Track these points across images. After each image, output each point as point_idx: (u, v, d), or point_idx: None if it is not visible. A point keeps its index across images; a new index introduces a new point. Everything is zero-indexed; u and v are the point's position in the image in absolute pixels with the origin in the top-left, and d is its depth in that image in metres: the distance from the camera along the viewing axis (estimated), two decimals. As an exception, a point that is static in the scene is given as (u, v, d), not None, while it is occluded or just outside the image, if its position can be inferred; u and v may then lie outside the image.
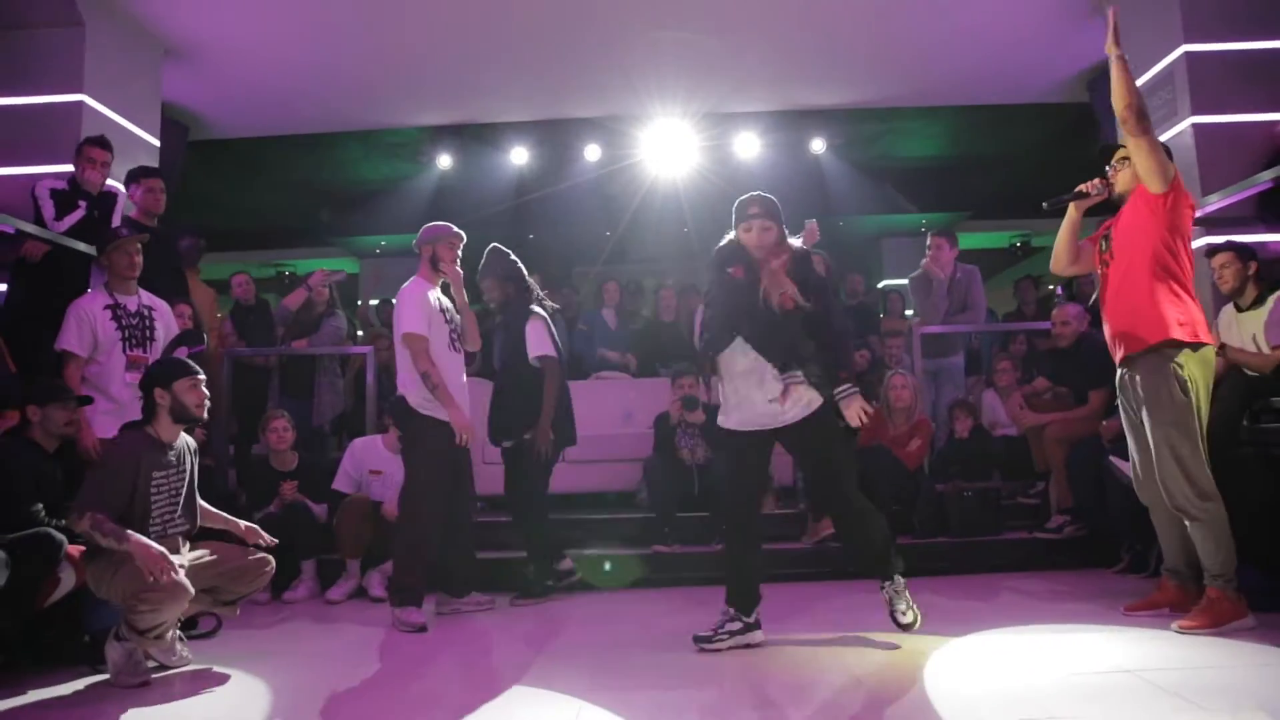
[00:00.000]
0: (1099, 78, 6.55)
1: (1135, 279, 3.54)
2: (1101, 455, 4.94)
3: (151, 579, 3.08)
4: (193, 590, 3.25)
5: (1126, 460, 4.44)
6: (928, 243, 5.89)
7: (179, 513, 3.51)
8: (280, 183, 9.95)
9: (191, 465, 3.61)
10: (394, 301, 4.46)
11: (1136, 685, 2.82)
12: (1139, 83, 5.47)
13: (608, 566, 5.05)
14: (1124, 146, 3.65)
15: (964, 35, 6.44)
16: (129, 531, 3.17)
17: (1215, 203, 4.66)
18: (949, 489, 5.41)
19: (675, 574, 5.08)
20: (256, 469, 5.31)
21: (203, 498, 5.01)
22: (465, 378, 4.44)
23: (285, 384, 6.02)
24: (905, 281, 11.26)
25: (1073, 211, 3.83)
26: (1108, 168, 3.75)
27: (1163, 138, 5.23)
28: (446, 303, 4.46)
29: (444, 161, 8.30)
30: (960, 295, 5.96)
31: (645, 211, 9.65)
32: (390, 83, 7.05)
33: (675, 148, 8.31)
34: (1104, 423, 4.96)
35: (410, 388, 4.23)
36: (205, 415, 3.58)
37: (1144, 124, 3.45)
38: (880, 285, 11.56)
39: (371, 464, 5.15)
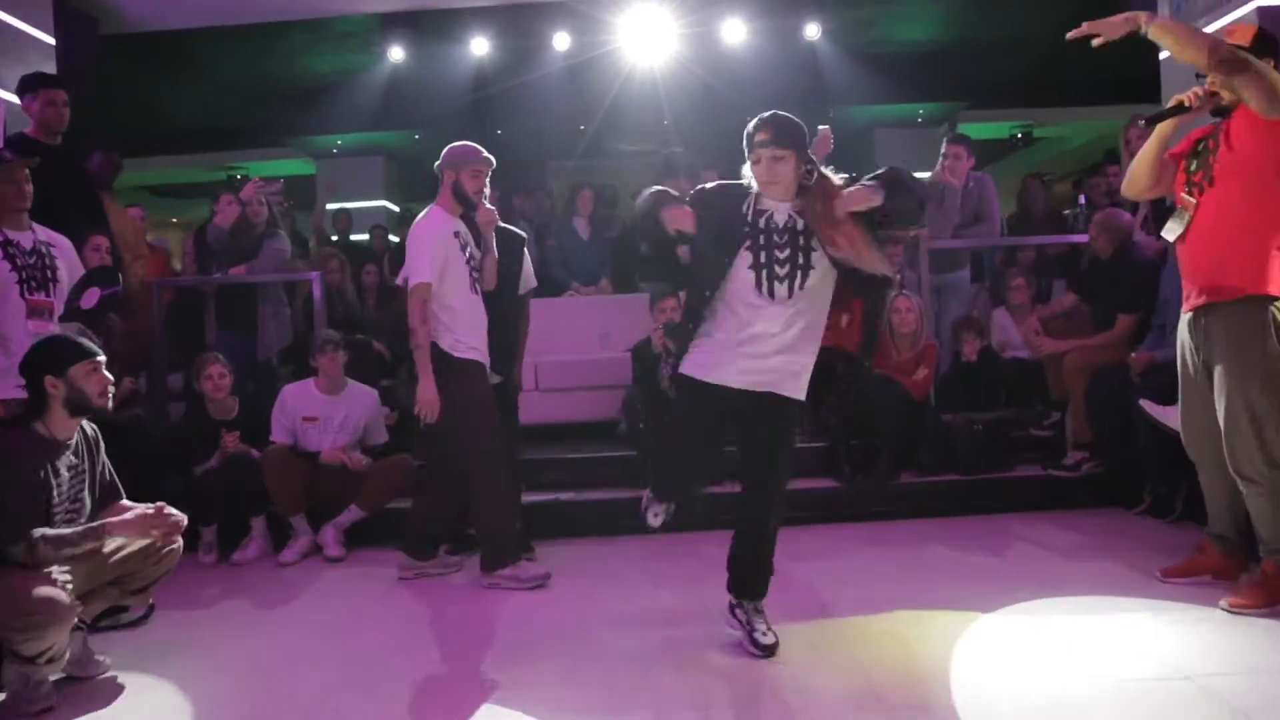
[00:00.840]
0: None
1: (1236, 215, 2.98)
2: (1126, 386, 4.50)
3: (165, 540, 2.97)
4: (79, 605, 2.76)
5: (1161, 404, 4.03)
6: (942, 149, 5.26)
7: (83, 519, 2.98)
8: (222, 79, 9.05)
9: (94, 460, 3.06)
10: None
11: (1194, 697, 2.42)
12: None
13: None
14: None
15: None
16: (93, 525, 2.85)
17: None
18: (957, 421, 4.98)
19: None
20: (194, 419, 4.77)
21: (138, 455, 4.55)
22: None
23: (223, 316, 5.39)
24: None
25: (1166, 127, 3.20)
26: (1202, 76, 3.11)
27: (1218, 22, 4.59)
28: (468, 236, 3.92)
29: (396, 53, 7.45)
30: (972, 206, 5.38)
31: (622, 103, 8.87)
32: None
33: (653, 34, 7.49)
34: (1133, 354, 4.48)
35: (440, 333, 3.76)
36: (110, 404, 3.01)
37: (1237, 64, 2.84)
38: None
39: (305, 410, 4.63)
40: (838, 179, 2.78)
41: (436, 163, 3.88)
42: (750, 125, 2.78)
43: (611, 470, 5.08)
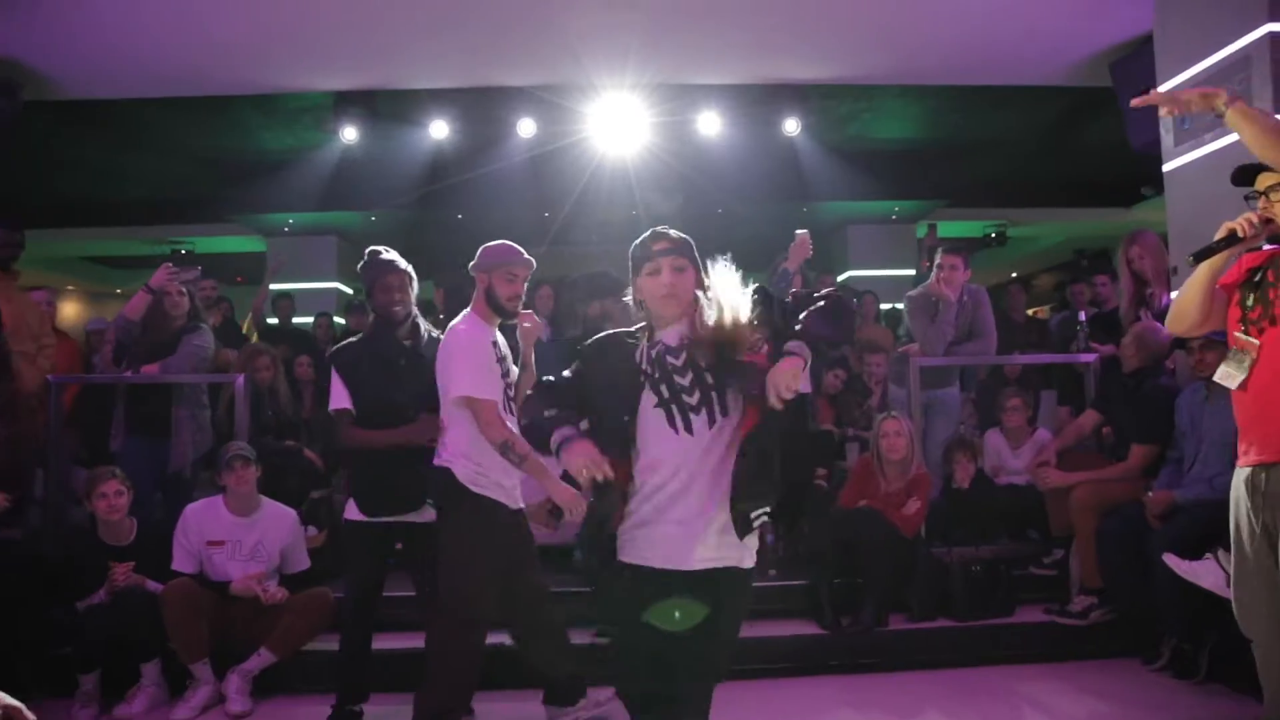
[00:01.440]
0: (1129, 58, 5.60)
1: None
2: (1141, 527, 4.06)
3: None
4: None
5: (1186, 558, 3.58)
6: (937, 260, 4.87)
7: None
8: (168, 150, 8.55)
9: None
10: (446, 344, 3.36)
11: None
12: (1207, 64, 4.52)
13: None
14: (1269, 168, 2.64)
15: (953, 7, 5.43)
16: None
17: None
18: (952, 560, 4.48)
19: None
20: (82, 542, 4.13)
21: (10, 581, 3.91)
22: None
23: (132, 419, 4.76)
24: (874, 274, 10.65)
25: (1216, 260, 2.78)
26: (1257, 197, 2.71)
27: (1228, 139, 4.29)
28: (505, 349, 3.45)
29: (350, 134, 7.01)
30: (966, 320, 4.97)
31: (591, 193, 8.51)
32: (283, 39, 5.80)
33: (624, 123, 7.14)
34: (1150, 494, 4.04)
35: (458, 460, 3.25)
36: None
37: None
38: (843, 278, 10.64)
39: (211, 533, 4.02)
40: (739, 312, 2.24)
41: (470, 263, 3.41)
42: (642, 238, 2.34)
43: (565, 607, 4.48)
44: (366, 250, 3.70)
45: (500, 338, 3.44)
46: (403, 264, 3.68)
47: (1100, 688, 3.88)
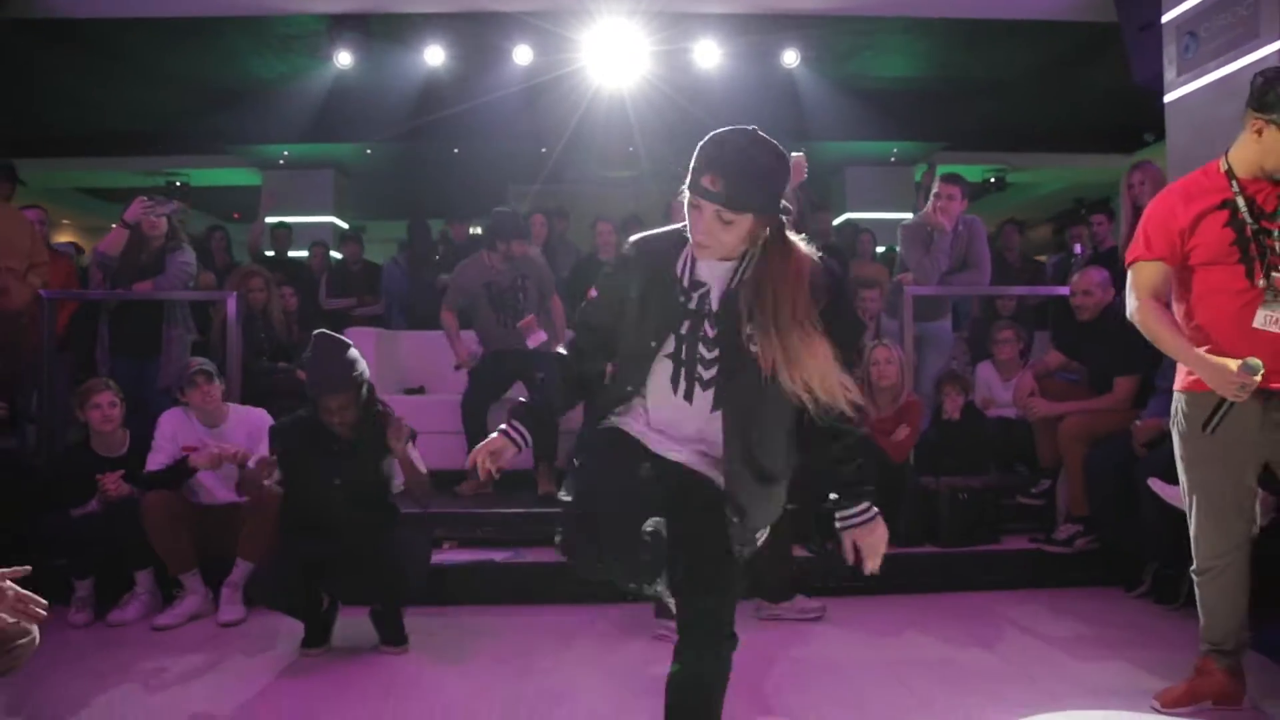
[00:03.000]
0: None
1: None
2: (1128, 456, 4.08)
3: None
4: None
5: (1173, 482, 3.60)
6: (934, 189, 4.83)
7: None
8: (158, 77, 8.41)
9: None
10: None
11: None
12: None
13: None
14: None
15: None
16: None
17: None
18: (940, 488, 4.53)
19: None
20: (76, 453, 4.15)
21: (6, 491, 3.92)
22: None
23: (118, 340, 4.75)
24: (872, 216, 10.58)
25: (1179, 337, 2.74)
26: None
27: (1232, 66, 4.23)
28: None
29: (344, 59, 6.91)
30: (961, 250, 4.96)
31: (587, 125, 8.41)
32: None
33: (621, 52, 7.03)
34: (1137, 422, 4.06)
35: None
36: None
37: None
38: (840, 220, 10.57)
39: (184, 439, 4.02)
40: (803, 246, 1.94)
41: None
42: (701, 148, 1.87)
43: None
44: (315, 334, 3.42)
45: None
46: (353, 373, 3.33)
47: (1082, 612, 3.93)
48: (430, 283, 6.79)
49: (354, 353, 3.39)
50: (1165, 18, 4.67)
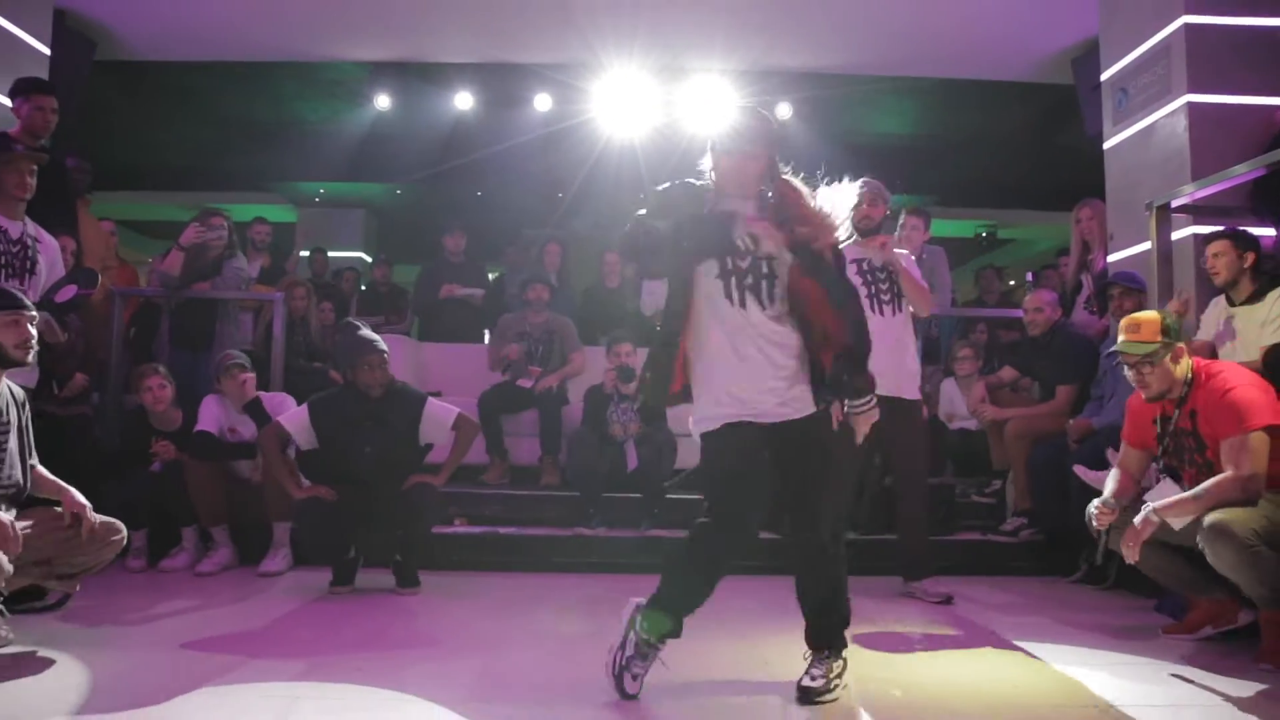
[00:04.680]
0: (1086, 55, 6.14)
1: None
2: (1065, 455, 4.59)
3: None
4: (9, 568, 2.72)
5: (1093, 470, 4.11)
6: (900, 220, 5.44)
7: (2, 472, 2.97)
8: (209, 117, 9.21)
9: (20, 417, 3.06)
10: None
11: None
12: (1132, 58, 5.08)
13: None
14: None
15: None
16: None
17: (1205, 189, 4.26)
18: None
19: (603, 559, 4.67)
20: (136, 426, 4.74)
21: (78, 452, 4.50)
22: None
23: (177, 334, 5.39)
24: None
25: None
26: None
27: (1153, 117, 4.86)
28: None
29: (382, 101, 7.67)
30: (925, 277, 5.51)
31: (600, 171, 9.08)
32: (327, 7, 6.43)
33: (630, 103, 7.74)
34: (1071, 421, 4.59)
35: None
36: (29, 358, 3.03)
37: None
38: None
39: (226, 422, 4.65)
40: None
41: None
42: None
43: (556, 510, 5.11)
44: (343, 322, 4.28)
45: None
46: (381, 344, 4.08)
47: (1021, 590, 4.40)
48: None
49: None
50: (1104, 76, 5.34)
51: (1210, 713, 2.57)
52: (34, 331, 3.02)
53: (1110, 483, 3.44)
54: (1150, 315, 3.28)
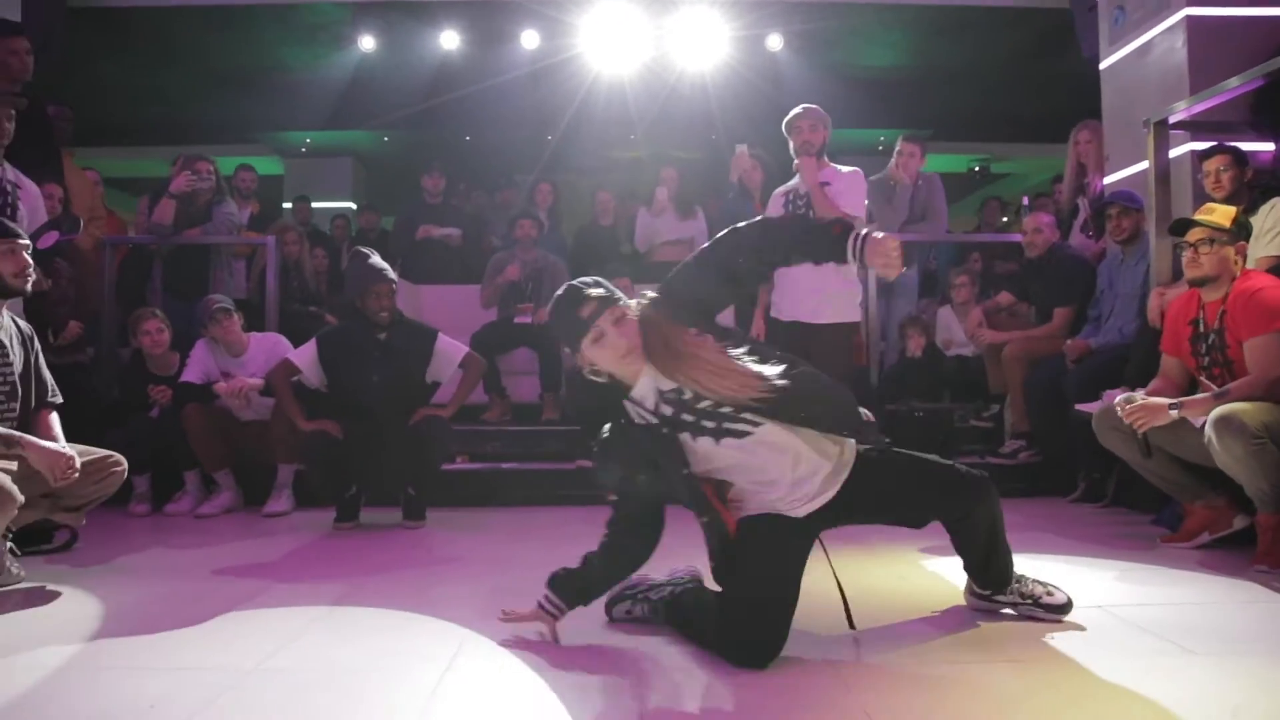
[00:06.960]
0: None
1: None
2: (1063, 376, 4.61)
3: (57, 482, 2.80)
4: (20, 497, 2.73)
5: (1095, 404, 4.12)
6: (897, 147, 5.41)
7: (4, 404, 2.97)
8: (190, 67, 8.99)
9: (26, 350, 3.06)
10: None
11: (1101, 620, 2.48)
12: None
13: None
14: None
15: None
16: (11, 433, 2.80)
17: (1202, 103, 4.22)
18: (898, 408, 5.07)
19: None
20: (134, 373, 4.73)
21: (79, 400, 4.47)
22: None
23: (169, 282, 5.35)
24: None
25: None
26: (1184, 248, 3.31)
27: (1151, 33, 4.80)
28: None
29: (367, 43, 7.53)
30: (920, 203, 5.52)
31: (588, 109, 8.90)
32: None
33: (619, 37, 7.60)
34: (1069, 341, 4.60)
35: None
36: (28, 287, 3.02)
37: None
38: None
39: (218, 366, 4.58)
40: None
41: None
42: (558, 301, 2.23)
43: (557, 444, 5.14)
44: (352, 250, 4.20)
45: None
46: (391, 273, 4.06)
47: (1019, 510, 4.42)
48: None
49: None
50: (1100, -3, 5.26)
51: (1208, 610, 2.61)
52: (30, 260, 3.00)
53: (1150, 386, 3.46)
54: (1227, 206, 3.36)
